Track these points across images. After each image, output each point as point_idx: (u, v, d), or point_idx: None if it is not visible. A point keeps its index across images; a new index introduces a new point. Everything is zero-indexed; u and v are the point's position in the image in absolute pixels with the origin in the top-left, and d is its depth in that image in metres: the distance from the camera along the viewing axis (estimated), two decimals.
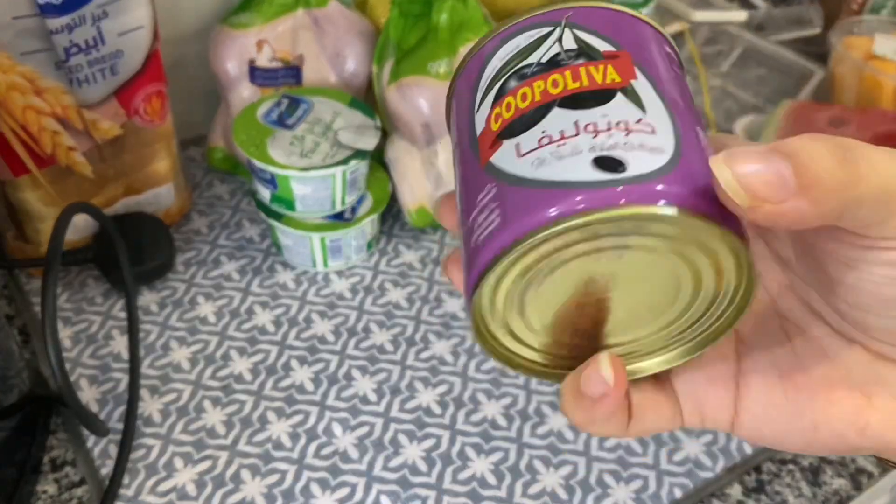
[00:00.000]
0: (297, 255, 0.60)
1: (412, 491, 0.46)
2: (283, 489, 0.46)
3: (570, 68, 0.20)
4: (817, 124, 0.68)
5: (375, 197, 0.60)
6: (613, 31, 0.21)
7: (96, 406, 0.50)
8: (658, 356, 0.25)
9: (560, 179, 0.19)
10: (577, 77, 0.20)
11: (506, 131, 0.21)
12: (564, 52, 0.21)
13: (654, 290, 0.22)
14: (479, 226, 0.21)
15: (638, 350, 0.25)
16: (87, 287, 0.58)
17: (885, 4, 0.84)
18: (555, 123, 0.20)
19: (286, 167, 0.54)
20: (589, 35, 0.21)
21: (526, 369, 0.25)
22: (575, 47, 0.21)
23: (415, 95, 0.57)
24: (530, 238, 0.19)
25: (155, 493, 0.46)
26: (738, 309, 0.22)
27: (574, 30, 0.21)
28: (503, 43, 0.22)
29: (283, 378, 0.52)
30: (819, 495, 0.49)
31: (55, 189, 0.54)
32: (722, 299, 0.22)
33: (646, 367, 0.25)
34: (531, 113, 0.20)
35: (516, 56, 0.21)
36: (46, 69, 0.50)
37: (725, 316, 0.23)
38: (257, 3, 0.62)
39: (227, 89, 0.64)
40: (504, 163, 0.20)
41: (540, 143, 0.20)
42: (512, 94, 0.21)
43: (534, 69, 0.21)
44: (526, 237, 0.19)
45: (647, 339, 0.24)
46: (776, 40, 0.87)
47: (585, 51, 0.21)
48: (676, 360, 0.24)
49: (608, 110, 0.20)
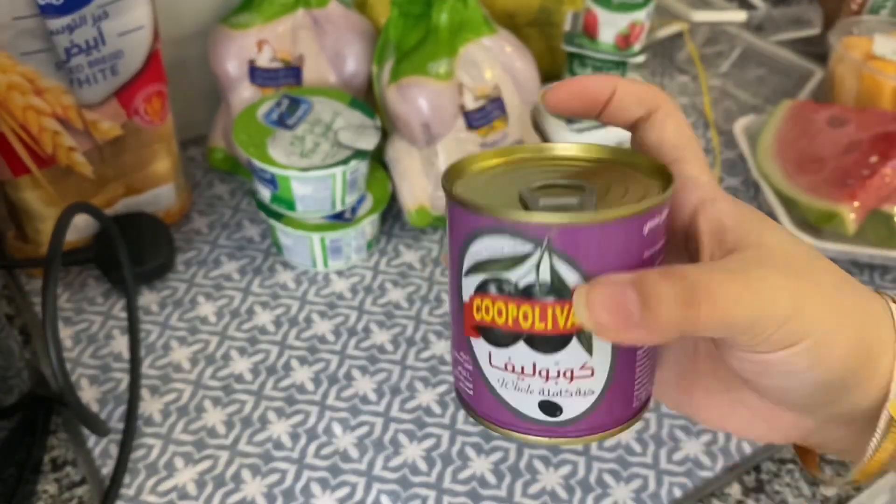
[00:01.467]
0: (297, 254, 0.60)
1: (412, 490, 0.46)
2: (284, 489, 0.46)
3: (540, 305, 0.24)
4: (816, 124, 0.68)
5: (375, 197, 0.60)
6: (588, 257, 0.23)
7: (97, 406, 0.50)
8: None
9: (515, 406, 0.26)
10: (543, 317, 0.24)
11: (483, 331, 0.25)
12: (539, 285, 0.23)
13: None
14: (459, 372, 0.27)
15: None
16: (88, 287, 0.58)
17: (884, 5, 0.84)
18: (519, 357, 0.25)
19: (286, 167, 0.54)
20: (564, 265, 0.23)
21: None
22: (549, 282, 0.23)
23: (415, 95, 0.57)
24: (493, 430, 0.27)
25: (155, 492, 0.46)
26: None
27: (553, 256, 0.23)
28: (487, 234, 0.24)
29: (283, 378, 0.52)
30: (818, 495, 0.49)
31: (55, 189, 0.54)
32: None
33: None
34: (503, 334, 0.25)
35: (498, 262, 0.24)
36: (47, 69, 0.50)
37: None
38: (257, 4, 0.62)
39: (228, 89, 0.64)
40: (479, 355, 0.26)
41: (505, 367, 0.25)
42: (491, 300, 0.24)
43: (510, 289, 0.24)
44: (491, 428, 0.27)
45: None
46: (776, 41, 0.87)
47: (557, 287, 0.23)
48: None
49: (561, 357, 0.24)
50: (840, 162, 0.63)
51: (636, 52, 0.66)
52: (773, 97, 0.82)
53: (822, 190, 0.62)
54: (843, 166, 0.63)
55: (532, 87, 0.64)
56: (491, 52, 0.62)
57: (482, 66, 0.61)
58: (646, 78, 0.86)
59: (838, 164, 0.63)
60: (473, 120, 0.61)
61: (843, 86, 0.76)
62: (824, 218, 0.61)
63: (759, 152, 0.69)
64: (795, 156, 0.66)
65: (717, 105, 0.82)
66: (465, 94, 0.60)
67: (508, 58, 0.62)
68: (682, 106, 0.82)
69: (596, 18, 0.64)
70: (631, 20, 0.63)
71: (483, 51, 0.61)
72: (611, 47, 0.65)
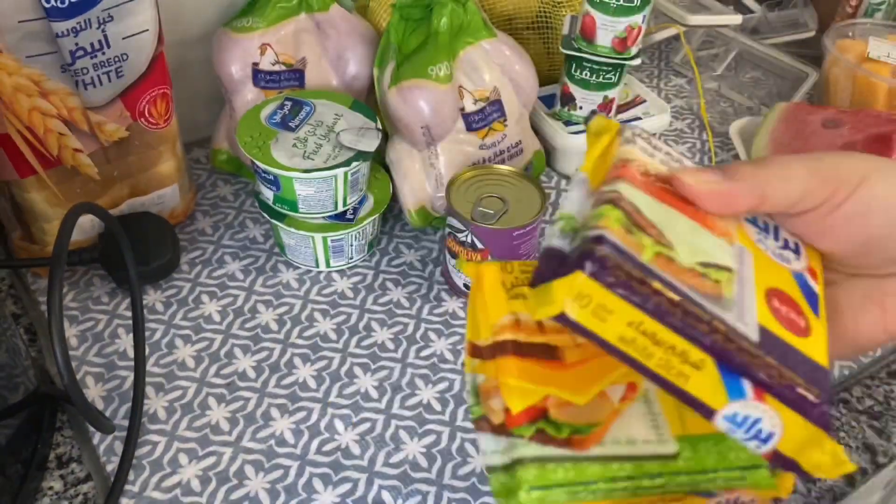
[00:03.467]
0: (299, 254, 0.60)
1: (413, 486, 0.47)
2: (286, 485, 0.47)
3: (467, 250, 0.51)
4: (811, 126, 0.69)
5: (377, 198, 0.61)
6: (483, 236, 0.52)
7: (102, 403, 0.51)
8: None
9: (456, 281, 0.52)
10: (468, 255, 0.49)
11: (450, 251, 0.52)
12: (468, 242, 0.50)
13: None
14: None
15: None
16: (93, 286, 0.59)
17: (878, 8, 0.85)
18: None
19: (289, 169, 0.54)
20: (476, 239, 0.49)
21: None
22: (469, 242, 0.51)
23: (415, 98, 0.58)
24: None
25: (160, 488, 0.46)
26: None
27: (472, 234, 0.51)
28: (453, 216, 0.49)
29: (286, 375, 0.53)
30: (813, 492, 0.49)
31: (61, 190, 0.55)
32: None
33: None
34: (455, 253, 0.56)
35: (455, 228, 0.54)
36: (52, 72, 0.50)
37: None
38: (260, 7, 0.62)
39: (231, 92, 0.64)
40: (448, 258, 0.55)
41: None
42: (452, 241, 0.57)
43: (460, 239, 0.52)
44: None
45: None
46: (771, 43, 0.88)
47: (473, 244, 0.49)
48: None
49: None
50: None
51: (633, 54, 0.67)
52: (768, 99, 0.83)
53: None
54: None
55: (530, 90, 0.65)
56: (490, 55, 0.63)
57: (482, 69, 0.62)
58: (643, 80, 0.87)
59: None
60: (473, 122, 0.62)
61: (838, 88, 0.76)
62: None
63: (754, 154, 0.69)
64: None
65: (712, 107, 0.83)
66: (465, 97, 0.61)
67: (507, 61, 0.63)
68: (677, 108, 0.83)
69: (594, 22, 0.65)
70: (628, 23, 0.64)
71: (482, 54, 0.62)
72: (608, 50, 0.66)
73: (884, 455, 0.52)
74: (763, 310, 0.27)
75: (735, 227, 0.29)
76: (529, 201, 0.56)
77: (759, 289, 0.27)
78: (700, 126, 0.80)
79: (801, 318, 0.28)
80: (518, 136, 0.66)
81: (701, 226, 0.27)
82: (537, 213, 0.55)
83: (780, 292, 0.28)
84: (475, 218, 0.54)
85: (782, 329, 0.26)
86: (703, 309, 0.25)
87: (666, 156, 0.30)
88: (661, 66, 0.90)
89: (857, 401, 0.55)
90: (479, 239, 0.55)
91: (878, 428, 0.53)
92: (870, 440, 0.52)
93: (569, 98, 0.71)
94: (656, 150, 0.30)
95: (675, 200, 0.28)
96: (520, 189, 0.57)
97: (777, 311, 0.27)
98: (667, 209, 0.27)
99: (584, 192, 0.28)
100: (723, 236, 0.28)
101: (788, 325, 0.27)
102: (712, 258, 0.26)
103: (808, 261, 0.30)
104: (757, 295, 0.27)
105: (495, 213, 0.55)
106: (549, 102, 0.74)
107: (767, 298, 0.27)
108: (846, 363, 0.57)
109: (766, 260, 0.29)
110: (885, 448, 0.52)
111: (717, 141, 0.78)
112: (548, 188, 0.70)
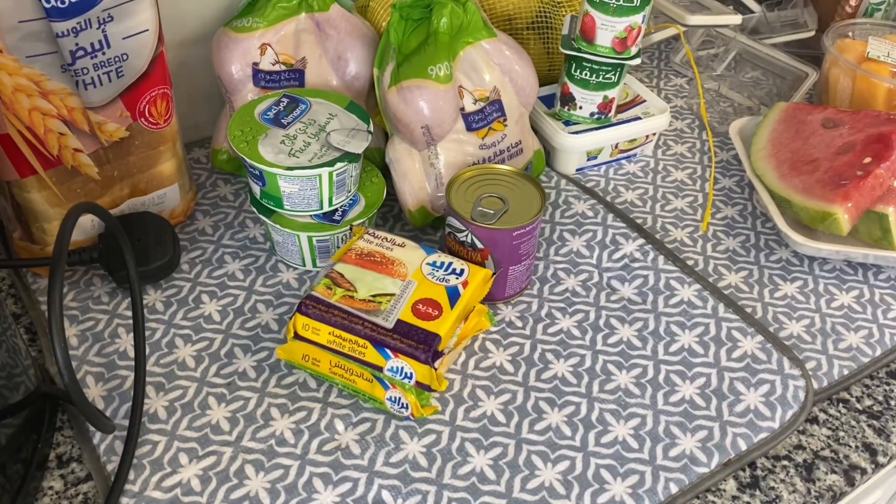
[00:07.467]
0: (287, 252, 0.60)
1: (413, 486, 0.47)
2: (286, 484, 0.47)
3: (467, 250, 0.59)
4: (810, 126, 0.69)
5: (369, 200, 0.61)
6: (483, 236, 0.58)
7: (102, 403, 0.51)
8: None
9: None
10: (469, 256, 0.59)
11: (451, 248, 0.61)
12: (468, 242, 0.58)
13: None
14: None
15: None
16: (93, 286, 0.59)
17: (878, 8, 0.85)
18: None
19: (272, 165, 0.54)
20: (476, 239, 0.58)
21: None
22: (469, 241, 0.58)
23: (415, 98, 0.58)
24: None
25: (160, 488, 0.46)
26: None
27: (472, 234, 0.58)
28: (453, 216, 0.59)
29: (286, 375, 0.53)
30: (813, 491, 0.49)
31: (61, 190, 0.55)
32: None
33: None
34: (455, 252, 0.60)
35: (455, 228, 0.58)
36: (52, 72, 0.50)
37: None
38: (260, 7, 0.63)
39: (231, 92, 0.64)
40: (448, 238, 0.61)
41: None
42: (451, 241, 0.60)
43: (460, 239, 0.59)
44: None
45: None
46: (771, 43, 0.88)
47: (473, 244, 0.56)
48: None
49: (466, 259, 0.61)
50: (834, 163, 0.64)
51: (633, 54, 0.67)
52: (768, 99, 0.83)
53: (815, 190, 0.63)
54: (837, 167, 0.63)
55: (530, 90, 0.65)
56: (490, 55, 0.63)
57: (481, 69, 0.62)
58: (642, 80, 0.87)
59: (832, 165, 0.64)
60: (473, 122, 0.62)
61: (837, 88, 0.76)
62: (818, 218, 0.62)
63: (753, 153, 0.70)
64: (789, 157, 0.67)
65: (712, 107, 0.83)
66: (465, 97, 0.61)
67: (507, 61, 0.63)
68: (677, 108, 0.83)
69: (594, 22, 0.65)
70: (628, 23, 0.64)
71: (482, 54, 0.62)
72: (608, 50, 0.66)
73: (884, 455, 0.52)
74: (406, 311, 0.49)
75: (415, 271, 0.52)
76: (529, 201, 0.56)
77: (411, 300, 0.50)
78: (700, 126, 0.80)
79: (435, 311, 0.49)
80: (518, 135, 0.66)
81: (383, 275, 0.51)
82: (537, 213, 0.55)
83: (428, 299, 0.50)
84: (475, 218, 0.55)
85: (415, 318, 0.49)
86: (362, 318, 0.48)
87: (382, 240, 0.54)
88: (660, 66, 0.90)
89: (856, 401, 0.55)
90: (479, 239, 0.55)
91: (878, 428, 0.53)
92: (870, 440, 0.53)
93: (569, 98, 0.71)
94: (376, 238, 0.54)
95: (373, 265, 0.52)
96: (519, 189, 0.57)
97: (417, 310, 0.49)
98: (362, 270, 0.52)
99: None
100: (398, 277, 0.51)
101: (422, 316, 0.49)
102: (382, 290, 0.50)
103: (467, 277, 0.52)
104: (407, 304, 0.49)
105: (495, 213, 0.55)
106: (549, 102, 0.74)
107: (414, 304, 0.49)
108: (846, 363, 0.57)
109: (428, 284, 0.51)
110: (885, 448, 0.52)
111: (717, 141, 0.78)
112: (548, 188, 0.70)
